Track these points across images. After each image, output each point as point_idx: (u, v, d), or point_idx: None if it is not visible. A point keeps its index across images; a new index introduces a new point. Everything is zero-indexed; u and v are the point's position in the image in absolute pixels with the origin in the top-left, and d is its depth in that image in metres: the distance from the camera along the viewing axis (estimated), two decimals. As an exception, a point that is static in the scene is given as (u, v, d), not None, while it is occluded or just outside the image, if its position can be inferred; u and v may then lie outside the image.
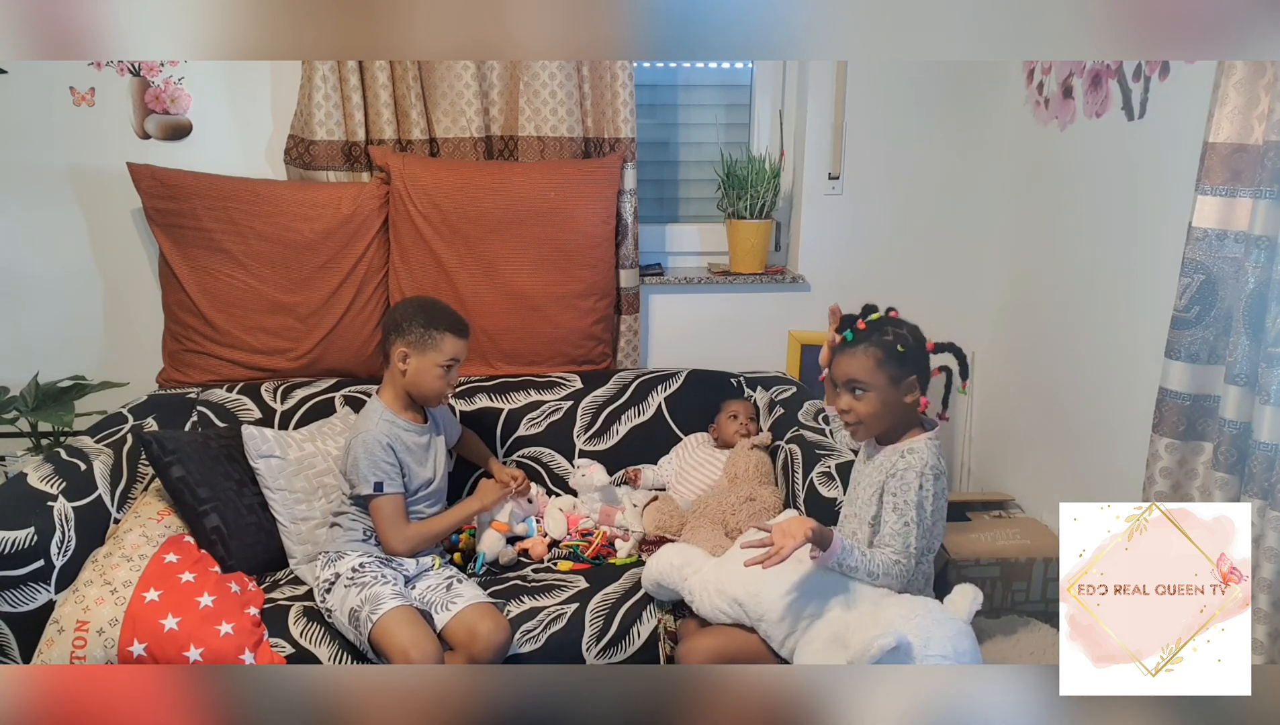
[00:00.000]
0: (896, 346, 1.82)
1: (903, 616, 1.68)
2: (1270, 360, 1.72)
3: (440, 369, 2.08)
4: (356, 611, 1.91)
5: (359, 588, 1.95)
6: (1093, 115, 2.49)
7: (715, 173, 2.95)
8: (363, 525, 2.09)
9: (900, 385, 1.83)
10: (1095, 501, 1.39)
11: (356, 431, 2.08)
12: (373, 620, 1.88)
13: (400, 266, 2.64)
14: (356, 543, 2.07)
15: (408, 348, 2.08)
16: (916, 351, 1.85)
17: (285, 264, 2.57)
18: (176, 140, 2.65)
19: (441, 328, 2.08)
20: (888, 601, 1.75)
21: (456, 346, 2.10)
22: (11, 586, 1.87)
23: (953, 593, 1.78)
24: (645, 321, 2.97)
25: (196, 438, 2.27)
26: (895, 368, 1.82)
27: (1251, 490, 1.77)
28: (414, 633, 1.87)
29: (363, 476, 2.02)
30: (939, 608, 1.74)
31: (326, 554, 2.07)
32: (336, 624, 1.97)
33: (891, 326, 1.86)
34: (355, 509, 2.09)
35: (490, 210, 2.59)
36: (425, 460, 2.16)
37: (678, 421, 2.69)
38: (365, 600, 1.92)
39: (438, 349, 2.08)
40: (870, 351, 1.83)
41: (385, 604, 1.90)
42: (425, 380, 2.09)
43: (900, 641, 1.59)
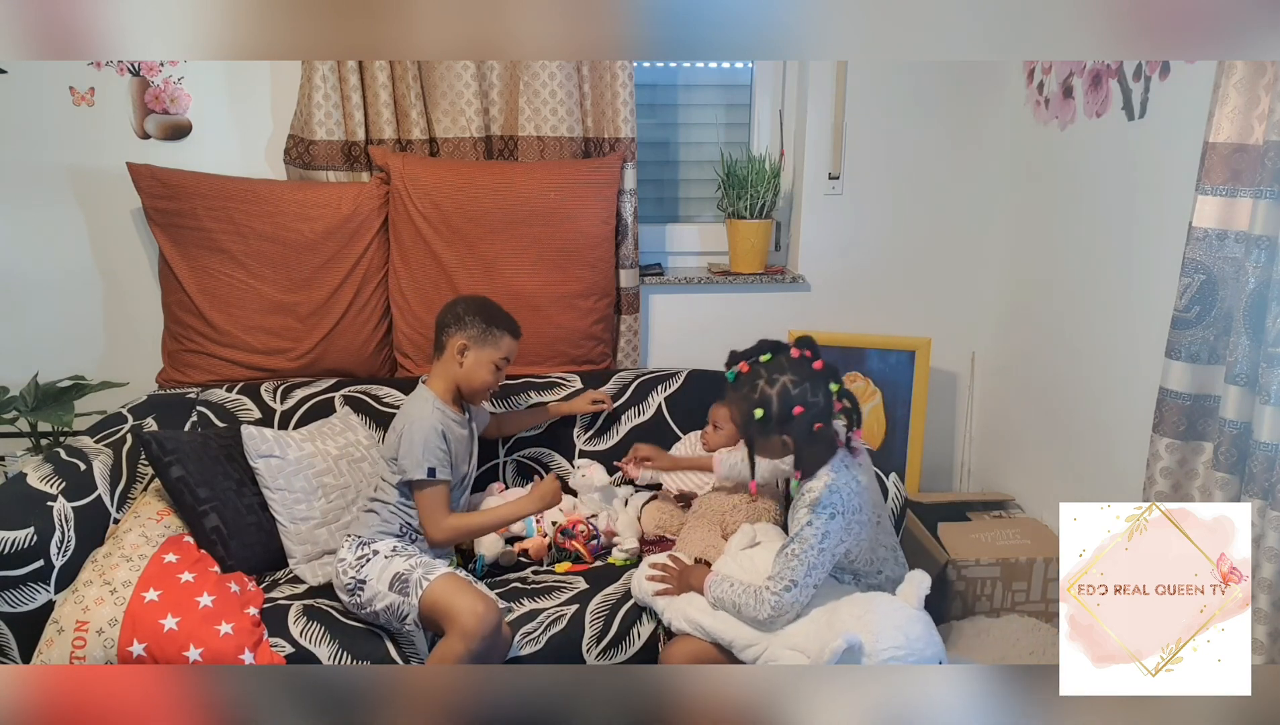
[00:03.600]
0: (754, 412, 1.76)
1: (854, 616, 1.74)
2: (1270, 360, 1.72)
3: (493, 366, 2.15)
4: (405, 575, 1.93)
5: (404, 557, 1.98)
6: (1093, 115, 2.49)
7: (715, 173, 2.95)
8: (400, 521, 2.09)
9: (768, 444, 1.81)
10: (1095, 501, 1.39)
11: (410, 417, 2.09)
12: (428, 580, 1.90)
13: (400, 266, 2.64)
14: (391, 537, 2.08)
15: (468, 341, 2.13)
16: (782, 414, 1.76)
17: (285, 264, 2.57)
18: (176, 140, 2.65)
19: (502, 327, 2.16)
20: (842, 606, 1.79)
21: (512, 347, 2.18)
22: (11, 586, 1.87)
23: (903, 582, 1.83)
24: (645, 321, 2.97)
25: (196, 438, 2.27)
26: (757, 434, 1.80)
27: (1252, 490, 1.77)
28: (474, 593, 1.90)
29: (417, 461, 2.03)
30: (888, 600, 1.78)
31: (358, 538, 2.07)
32: (365, 595, 1.95)
33: (766, 382, 1.77)
34: (397, 502, 2.09)
35: (490, 210, 2.59)
36: (464, 453, 2.20)
37: (678, 421, 2.69)
38: (416, 565, 1.95)
39: (496, 346, 2.14)
40: (736, 407, 1.83)
41: (440, 568, 1.95)
42: (479, 374, 2.14)
43: (851, 642, 1.63)
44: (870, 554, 1.91)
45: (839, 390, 1.80)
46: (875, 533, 1.90)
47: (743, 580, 1.87)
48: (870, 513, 1.88)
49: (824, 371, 1.80)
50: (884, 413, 3.01)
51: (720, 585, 1.87)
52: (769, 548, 2.00)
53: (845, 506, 1.79)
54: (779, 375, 1.78)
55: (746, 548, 2.05)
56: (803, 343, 1.83)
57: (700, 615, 1.91)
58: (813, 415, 1.78)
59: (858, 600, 1.80)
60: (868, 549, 1.90)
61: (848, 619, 1.74)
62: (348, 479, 2.30)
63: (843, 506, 1.79)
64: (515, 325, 2.20)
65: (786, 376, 1.78)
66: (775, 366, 1.79)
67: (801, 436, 1.80)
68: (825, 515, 1.77)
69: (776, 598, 1.77)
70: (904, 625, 1.72)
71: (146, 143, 2.64)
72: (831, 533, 1.78)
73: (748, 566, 1.95)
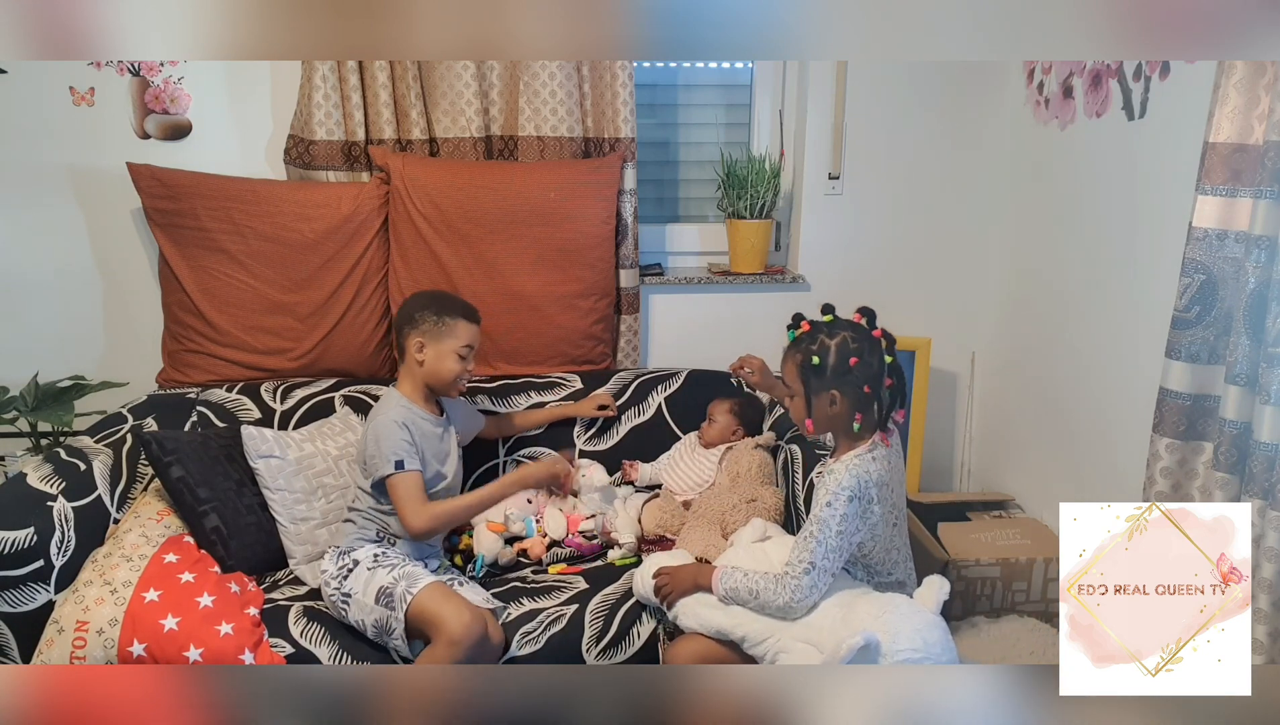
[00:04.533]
0: (812, 359, 1.80)
1: (871, 615, 1.72)
2: (1270, 360, 1.72)
3: (455, 355, 2.13)
4: (389, 588, 1.91)
5: (387, 568, 1.97)
6: (1093, 115, 2.49)
7: (715, 173, 2.95)
8: (376, 526, 2.08)
9: (820, 397, 1.82)
10: (1095, 501, 1.39)
11: (373, 417, 2.09)
12: (411, 594, 1.89)
13: (400, 266, 2.64)
14: (369, 543, 2.07)
15: (423, 338, 2.11)
16: (838, 366, 1.80)
17: (285, 264, 2.57)
18: (176, 140, 2.65)
19: (455, 314, 2.13)
20: (858, 602, 1.78)
21: (470, 332, 2.15)
22: (11, 586, 1.87)
23: (921, 585, 1.81)
24: (645, 321, 2.97)
25: (196, 438, 2.27)
26: (813, 378, 1.82)
27: (1252, 490, 1.77)
28: (459, 602, 1.89)
29: (383, 456, 2.02)
30: (906, 602, 1.77)
31: (337, 549, 2.07)
32: (353, 610, 1.94)
33: (826, 334, 1.83)
34: (370, 507, 2.08)
35: (490, 210, 2.59)
36: (441, 453, 2.17)
37: (678, 421, 2.69)
38: (400, 577, 1.93)
39: (453, 335, 2.12)
40: (794, 357, 1.85)
41: (423, 579, 1.93)
42: (443, 367, 2.12)
43: (869, 640, 1.61)
44: (885, 554, 1.90)
45: (892, 363, 1.83)
46: (892, 534, 1.89)
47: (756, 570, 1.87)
48: (889, 509, 1.87)
49: (880, 339, 1.83)
50: (884, 413, 3.01)
51: (733, 576, 1.86)
52: (780, 542, 2.00)
53: (863, 492, 1.79)
54: (839, 331, 1.83)
55: (758, 541, 2.05)
56: (863, 311, 1.88)
57: (711, 612, 1.89)
58: (865, 375, 1.80)
59: (875, 599, 1.78)
60: (883, 547, 1.89)
61: (865, 617, 1.71)
62: (348, 479, 2.30)
63: (861, 493, 1.79)
64: (470, 309, 2.17)
65: (846, 332, 1.83)
66: (836, 325, 1.85)
67: (851, 394, 1.81)
68: (845, 497, 1.77)
69: (796, 580, 1.77)
70: (923, 629, 1.69)
71: (146, 143, 2.64)
72: (850, 516, 1.78)
73: (760, 558, 1.94)
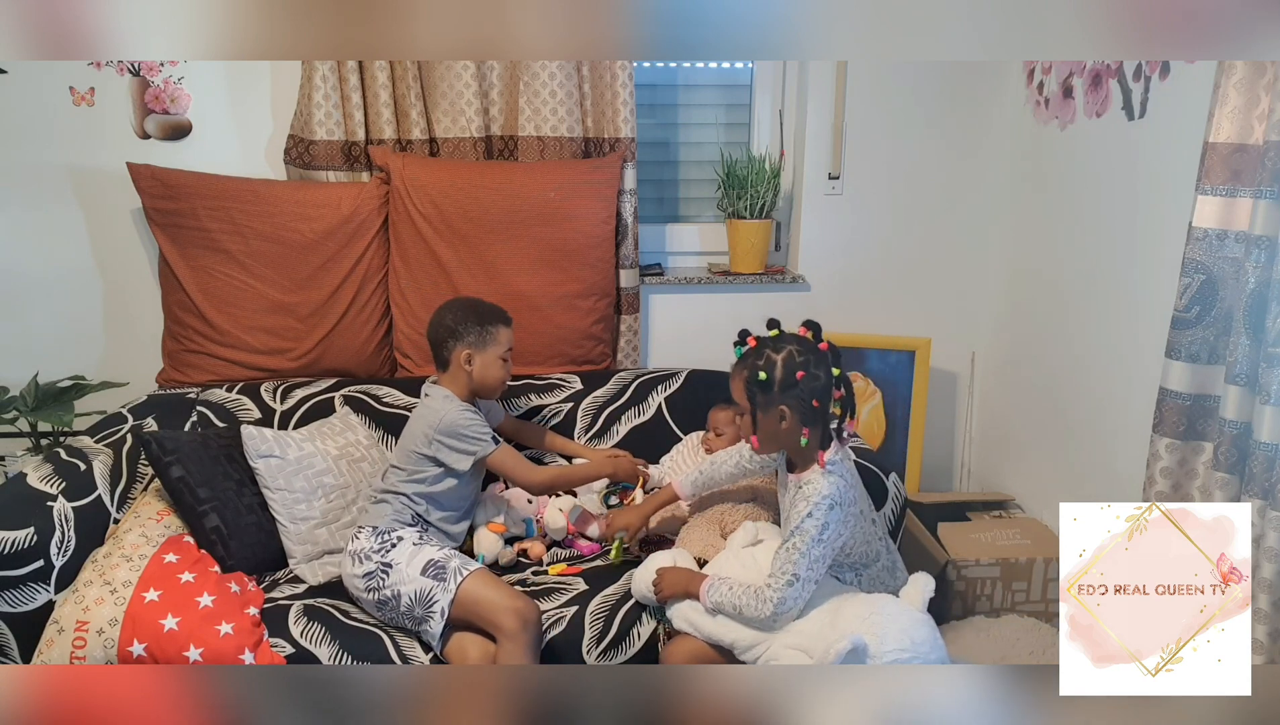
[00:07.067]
0: (759, 374, 1.79)
1: (858, 617, 1.73)
2: (1270, 360, 1.72)
3: (501, 360, 2.20)
4: (441, 562, 1.98)
5: (435, 546, 2.05)
6: (1093, 115, 2.49)
7: (715, 173, 2.95)
8: (412, 512, 2.12)
9: (769, 413, 1.82)
10: (1095, 501, 1.39)
11: (441, 412, 2.12)
12: (466, 571, 1.97)
13: (400, 266, 2.64)
14: (407, 526, 2.10)
15: (470, 348, 2.16)
16: (785, 381, 1.80)
17: (285, 264, 2.57)
18: (176, 140, 2.65)
19: (496, 322, 2.20)
20: (845, 606, 1.79)
21: (509, 335, 2.23)
22: (11, 586, 1.87)
23: (907, 584, 1.84)
24: (645, 321, 2.97)
25: (196, 438, 2.27)
26: (759, 394, 1.81)
27: (1252, 490, 1.77)
28: (512, 591, 1.98)
29: (477, 439, 2.12)
30: (893, 602, 1.78)
31: (374, 527, 2.08)
32: (391, 579, 1.97)
33: (772, 349, 1.82)
34: (411, 493, 2.11)
35: (490, 210, 2.59)
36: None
37: (678, 421, 2.69)
38: (452, 555, 2.02)
39: (497, 342, 2.19)
40: (741, 373, 1.85)
41: (472, 564, 2.02)
42: (491, 373, 2.19)
43: (856, 643, 1.63)
44: (865, 547, 1.92)
45: (839, 375, 1.83)
46: (868, 526, 1.92)
47: (743, 580, 1.87)
48: (861, 504, 1.89)
49: (827, 352, 1.83)
50: (884, 413, 3.01)
51: (718, 589, 1.87)
52: (771, 546, 2.00)
53: (842, 498, 1.80)
54: (785, 345, 1.83)
55: (748, 545, 2.05)
56: (809, 324, 1.88)
57: (701, 618, 1.91)
58: (813, 388, 1.80)
59: (862, 600, 1.79)
60: (863, 541, 1.91)
61: (852, 619, 1.73)
62: (348, 479, 2.30)
63: (840, 498, 1.79)
64: (505, 313, 2.24)
65: (792, 346, 1.82)
66: (782, 339, 1.85)
67: (799, 409, 1.81)
68: (825, 506, 1.78)
69: (779, 594, 1.77)
70: (910, 629, 1.71)
71: (146, 143, 2.64)
72: (830, 524, 1.78)
73: (750, 564, 1.94)
